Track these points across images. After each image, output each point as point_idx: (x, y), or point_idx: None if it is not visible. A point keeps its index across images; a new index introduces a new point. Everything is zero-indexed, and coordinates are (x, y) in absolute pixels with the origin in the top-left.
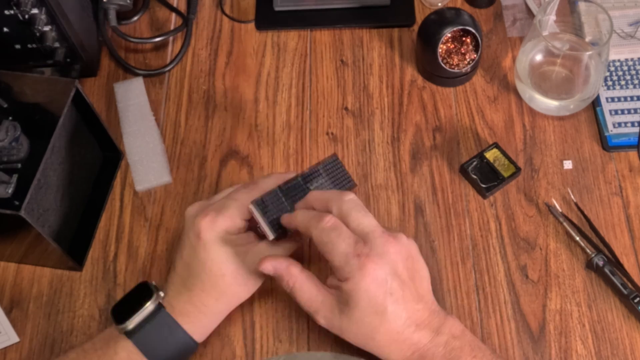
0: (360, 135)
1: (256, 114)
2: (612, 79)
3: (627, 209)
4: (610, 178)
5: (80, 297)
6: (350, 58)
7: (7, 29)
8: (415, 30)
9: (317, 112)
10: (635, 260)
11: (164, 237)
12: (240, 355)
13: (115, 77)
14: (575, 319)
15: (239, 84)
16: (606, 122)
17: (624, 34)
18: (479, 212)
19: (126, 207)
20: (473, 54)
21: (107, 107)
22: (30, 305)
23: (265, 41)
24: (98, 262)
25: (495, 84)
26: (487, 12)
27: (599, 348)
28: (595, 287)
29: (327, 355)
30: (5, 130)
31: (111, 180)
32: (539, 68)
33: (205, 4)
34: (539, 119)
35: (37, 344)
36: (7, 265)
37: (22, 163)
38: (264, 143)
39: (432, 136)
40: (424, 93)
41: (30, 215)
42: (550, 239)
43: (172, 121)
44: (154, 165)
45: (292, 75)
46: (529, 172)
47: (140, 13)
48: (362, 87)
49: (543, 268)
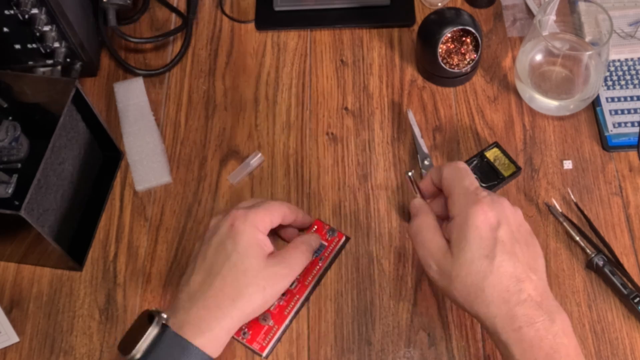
0: (360, 135)
1: (256, 114)
2: (612, 79)
3: (627, 209)
4: (610, 178)
5: (80, 297)
6: (350, 58)
7: (7, 29)
8: (415, 30)
9: (317, 112)
10: (635, 260)
11: (164, 237)
12: (240, 355)
13: (115, 77)
14: (575, 319)
15: (239, 84)
16: (606, 122)
17: (624, 34)
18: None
19: (126, 207)
20: (473, 54)
21: (107, 107)
22: (30, 305)
23: (265, 41)
24: (98, 262)
25: (495, 84)
26: (487, 12)
27: (599, 348)
28: (595, 287)
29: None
30: (5, 130)
31: (111, 180)
32: (539, 68)
33: (205, 4)
34: (539, 119)
35: (37, 344)
36: (7, 265)
37: (22, 163)
38: (264, 143)
39: (432, 136)
40: (424, 93)
41: (30, 215)
42: (550, 239)
43: (172, 121)
44: (154, 165)
45: (292, 75)
46: (529, 172)
47: (140, 13)
48: (362, 87)
49: None
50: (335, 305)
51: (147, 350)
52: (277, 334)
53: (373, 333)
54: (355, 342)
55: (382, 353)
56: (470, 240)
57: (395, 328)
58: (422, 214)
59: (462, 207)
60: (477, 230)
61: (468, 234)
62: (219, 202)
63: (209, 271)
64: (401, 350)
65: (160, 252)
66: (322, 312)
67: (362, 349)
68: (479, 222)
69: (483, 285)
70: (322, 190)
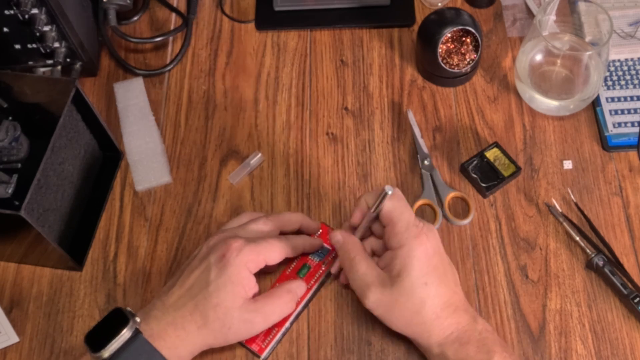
0: (360, 135)
1: (256, 114)
2: (612, 79)
3: (627, 209)
4: (610, 178)
5: (80, 297)
6: (350, 58)
7: (7, 29)
8: (415, 30)
9: (317, 112)
10: (635, 260)
11: (163, 237)
12: (240, 355)
13: (115, 77)
14: (575, 319)
15: (239, 84)
16: (606, 122)
17: (624, 34)
18: (479, 212)
19: (126, 207)
20: (473, 54)
21: (107, 107)
22: (30, 305)
23: (265, 41)
24: (98, 262)
25: (495, 84)
26: (487, 12)
27: (599, 348)
28: (595, 287)
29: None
30: (5, 130)
31: (111, 180)
32: (539, 68)
33: (205, 4)
34: (539, 119)
35: (37, 344)
36: (7, 265)
37: (22, 163)
38: (264, 143)
39: (432, 136)
40: (424, 93)
41: (30, 215)
42: (550, 239)
43: (172, 121)
44: (154, 165)
45: (292, 75)
46: (529, 172)
47: (140, 13)
48: (362, 87)
49: (543, 268)
50: (335, 305)
51: (116, 352)
52: (277, 336)
53: (373, 333)
54: (355, 342)
55: (382, 353)
56: (411, 270)
57: None
58: (355, 246)
59: (404, 240)
60: (418, 261)
61: (410, 264)
62: (219, 202)
63: (188, 291)
64: (401, 350)
65: (160, 252)
66: (322, 312)
67: (362, 349)
68: (419, 254)
69: (421, 309)
70: (322, 190)
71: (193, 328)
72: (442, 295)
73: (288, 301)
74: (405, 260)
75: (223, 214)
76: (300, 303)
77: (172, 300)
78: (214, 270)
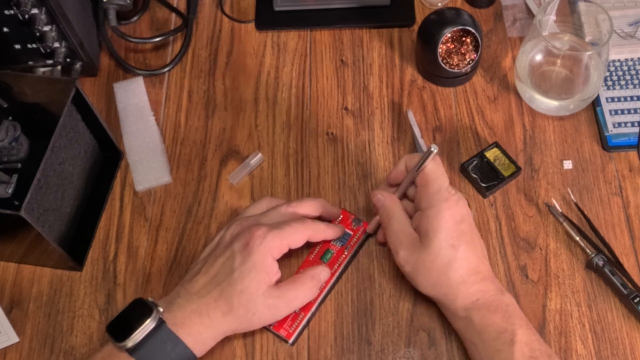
0: (360, 135)
1: (256, 114)
2: (612, 79)
3: (627, 209)
4: (610, 178)
5: (80, 297)
6: (350, 58)
7: (7, 29)
8: (415, 30)
9: (317, 112)
10: (635, 260)
11: (164, 237)
12: (240, 355)
13: (115, 77)
14: (575, 319)
15: (239, 84)
16: (606, 122)
17: (624, 34)
18: (479, 212)
19: (126, 207)
20: (473, 54)
21: (107, 107)
22: (30, 305)
23: (265, 41)
24: (98, 262)
25: (495, 84)
26: (487, 12)
27: (599, 348)
28: (595, 287)
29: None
30: (5, 130)
31: (111, 180)
32: (539, 68)
33: (205, 4)
34: (539, 119)
35: (37, 344)
36: (7, 265)
37: (22, 163)
38: (264, 143)
39: (432, 136)
40: (424, 93)
41: (30, 215)
42: (550, 239)
43: (172, 121)
44: (154, 165)
45: (292, 75)
46: (529, 172)
47: (140, 13)
48: (362, 87)
49: (543, 268)
50: (335, 305)
51: (141, 341)
52: (304, 321)
53: (373, 333)
54: (355, 342)
55: (382, 353)
56: (438, 232)
57: (395, 328)
58: (394, 204)
59: (434, 201)
60: (446, 223)
61: (437, 226)
62: (219, 202)
63: (212, 278)
64: (401, 350)
65: (160, 252)
66: (322, 312)
67: (362, 349)
68: (448, 216)
69: (447, 270)
70: (322, 190)
71: (218, 315)
72: (470, 261)
73: (311, 287)
74: (433, 221)
75: (223, 214)
76: (325, 288)
77: (196, 288)
78: (238, 258)
